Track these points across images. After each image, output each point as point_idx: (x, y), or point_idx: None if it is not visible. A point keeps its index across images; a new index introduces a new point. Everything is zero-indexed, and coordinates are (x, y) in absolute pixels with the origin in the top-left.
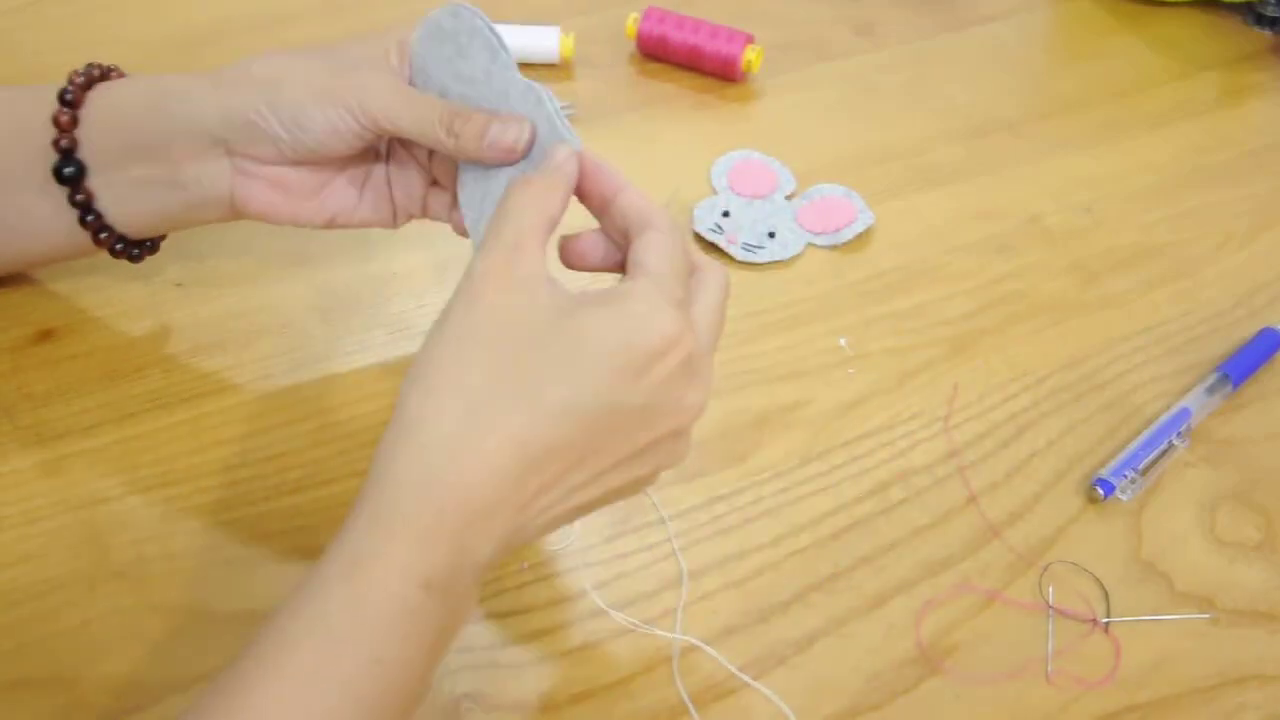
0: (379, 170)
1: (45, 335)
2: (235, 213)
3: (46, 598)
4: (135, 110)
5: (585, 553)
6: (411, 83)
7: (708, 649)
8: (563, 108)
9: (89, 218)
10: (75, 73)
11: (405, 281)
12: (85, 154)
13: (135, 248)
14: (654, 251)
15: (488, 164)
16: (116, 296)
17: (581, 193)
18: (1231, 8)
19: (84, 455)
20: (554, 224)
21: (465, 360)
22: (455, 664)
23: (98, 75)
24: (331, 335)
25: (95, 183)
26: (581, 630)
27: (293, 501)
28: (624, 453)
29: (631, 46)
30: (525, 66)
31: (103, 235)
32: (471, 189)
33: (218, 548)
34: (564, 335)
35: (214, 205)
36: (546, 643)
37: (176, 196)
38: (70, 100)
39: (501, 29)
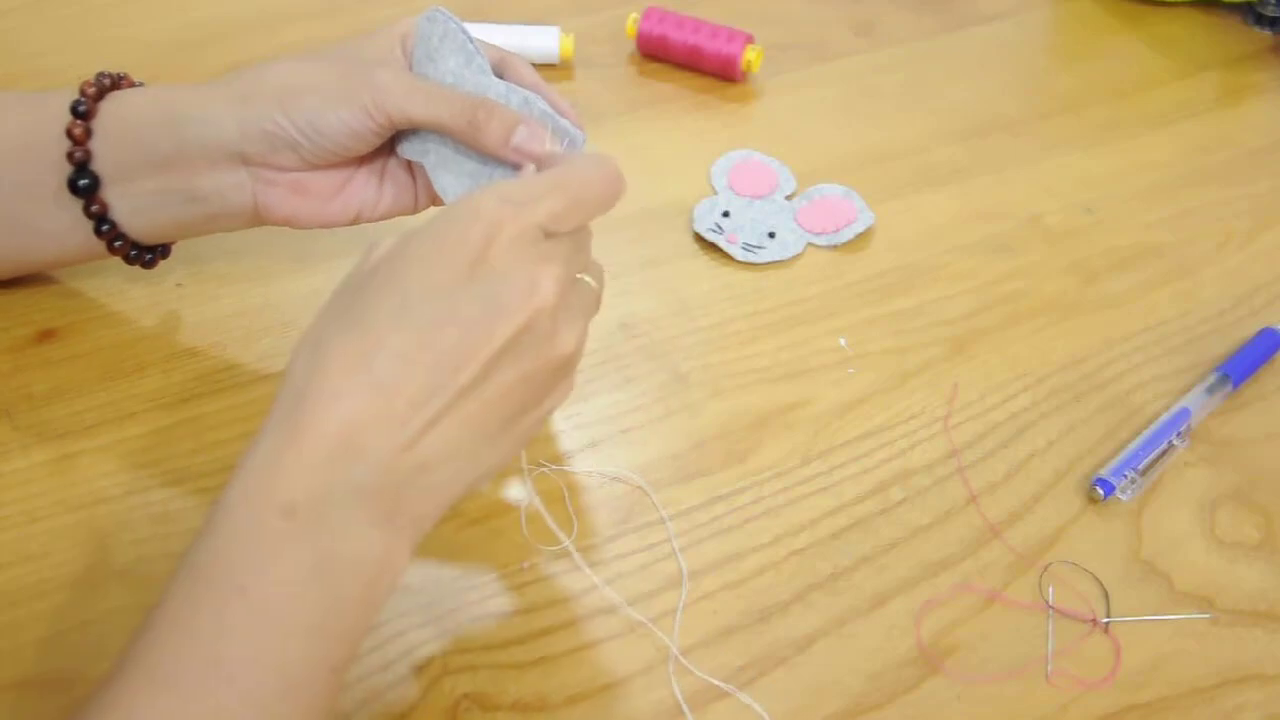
0: (397, 158)
1: (45, 335)
2: (258, 220)
3: (47, 598)
4: (150, 124)
5: (585, 553)
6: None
7: (684, 660)
8: None
9: (104, 228)
10: (87, 82)
11: None
12: (100, 166)
13: (149, 253)
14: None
15: (498, 161)
16: (116, 296)
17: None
18: (1231, 8)
19: (84, 455)
20: (556, 217)
21: (323, 312)
22: (455, 664)
23: (109, 84)
24: None
25: (110, 194)
26: (581, 630)
27: None
28: (486, 349)
29: (631, 46)
30: None
31: (117, 244)
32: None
33: None
34: (394, 251)
35: (235, 216)
36: (546, 643)
37: (195, 208)
38: (83, 112)
39: (501, 29)
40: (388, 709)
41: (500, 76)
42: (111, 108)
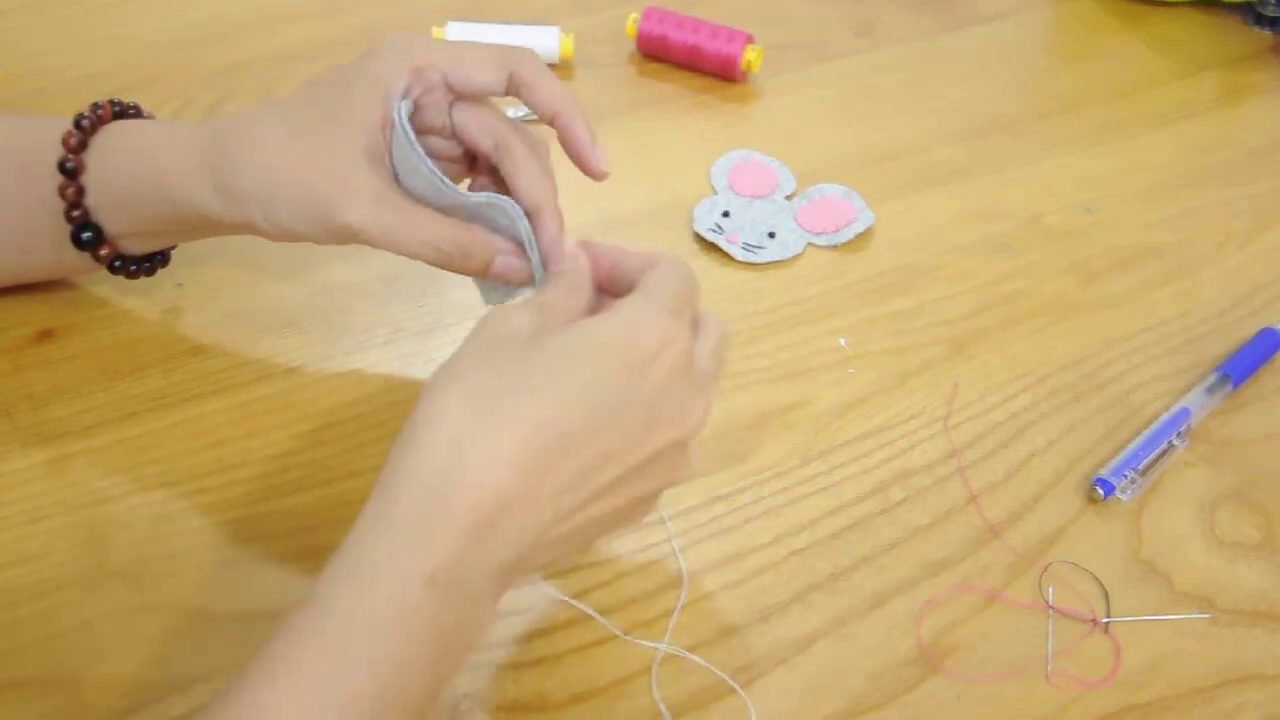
0: None
1: (45, 335)
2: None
3: (46, 598)
4: (140, 194)
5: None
6: (394, 170)
7: (691, 656)
8: None
9: (116, 264)
10: (69, 133)
11: (405, 282)
12: (99, 216)
13: (148, 261)
14: (654, 277)
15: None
16: (116, 296)
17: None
18: (1231, 8)
19: (84, 455)
20: (579, 314)
21: (475, 366)
22: None
23: (90, 127)
24: (331, 335)
25: (112, 234)
26: (581, 630)
27: (293, 501)
28: (636, 456)
29: (631, 46)
30: None
31: (133, 269)
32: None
33: (218, 548)
34: (569, 337)
35: (236, 233)
36: (546, 643)
37: (197, 234)
38: (71, 170)
39: (501, 29)
40: None
41: (516, 96)
42: (99, 162)
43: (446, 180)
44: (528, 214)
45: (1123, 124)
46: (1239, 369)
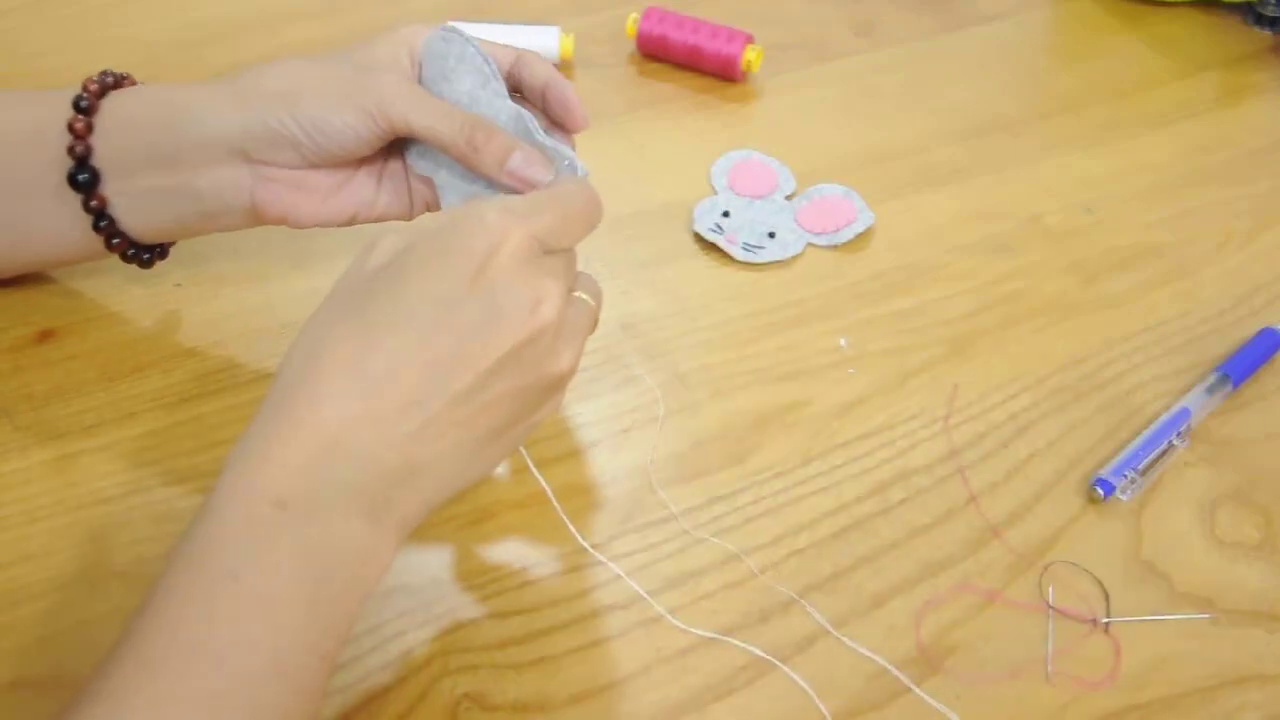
0: (395, 161)
1: (45, 335)
2: (254, 219)
3: (46, 598)
4: (151, 121)
5: (585, 553)
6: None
7: (731, 640)
8: None
9: (101, 223)
10: (90, 79)
11: None
12: (100, 161)
13: (146, 253)
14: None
15: (491, 183)
16: (116, 296)
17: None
18: (1231, 8)
19: (84, 455)
20: (556, 234)
21: (319, 313)
22: (455, 664)
23: (112, 83)
24: None
25: (109, 190)
26: (581, 630)
27: None
28: (484, 359)
29: (631, 46)
30: None
31: (115, 241)
32: (453, 196)
33: None
34: (393, 261)
35: (232, 213)
36: (546, 643)
37: (193, 205)
38: (85, 107)
39: (501, 29)
40: (388, 709)
41: (516, 76)
42: (113, 105)
43: (497, 75)
44: (545, 88)
45: (1123, 124)
46: (1239, 369)
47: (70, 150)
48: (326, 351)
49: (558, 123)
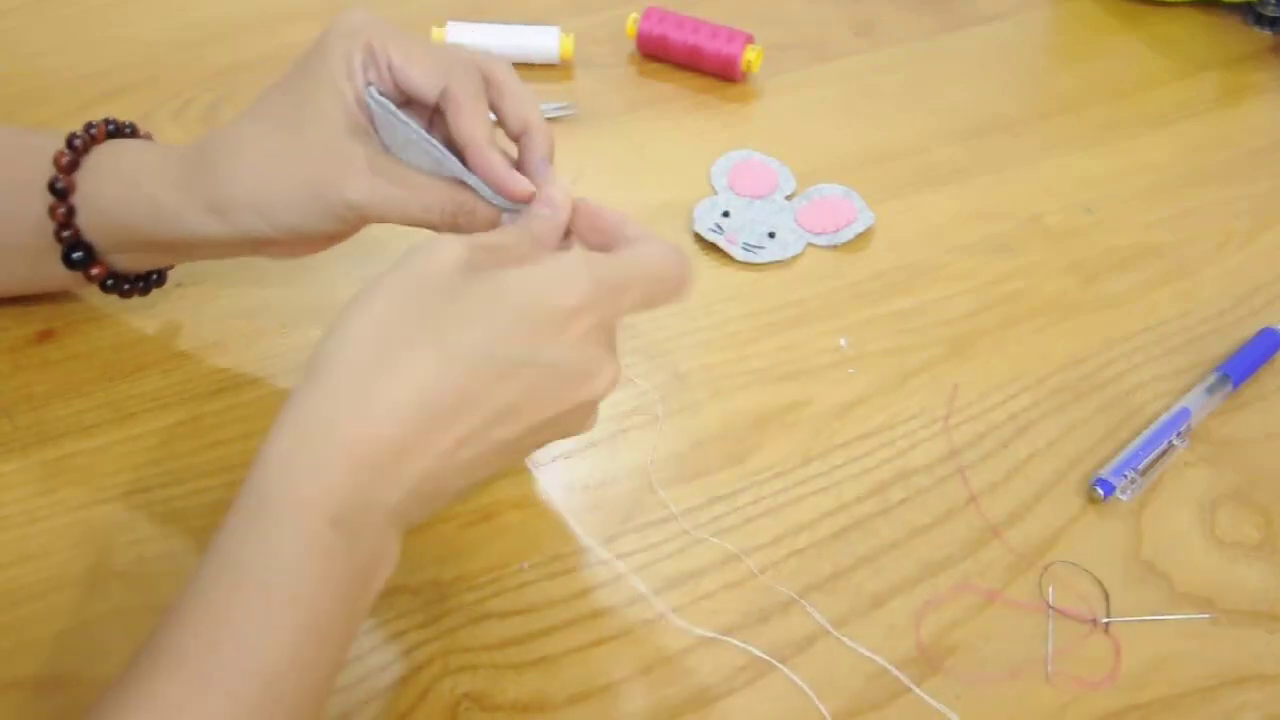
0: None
1: (45, 335)
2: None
3: (46, 598)
4: (132, 215)
5: (585, 553)
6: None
7: (731, 639)
8: (562, 108)
9: (108, 282)
10: (61, 153)
11: None
12: (90, 237)
13: (142, 281)
14: (627, 250)
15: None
16: (116, 297)
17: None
18: (1231, 8)
19: (84, 455)
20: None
21: (380, 309)
22: (455, 664)
23: (82, 147)
24: None
25: (103, 253)
26: (581, 630)
27: None
28: (539, 415)
29: (631, 46)
30: (525, 67)
31: (126, 288)
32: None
33: None
34: (480, 287)
35: (229, 255)
36: (546, 643)
37: (191, 255)
38: (61, 190)
39: (501, 29)
40: (388, 709)
41: (493, 106)
42: (90, 187)
43: (439, 145)
44: (517, 136)
45: (1123, 124)
46: (1239, 369)
47: (59, 237)
48: (403, 369)
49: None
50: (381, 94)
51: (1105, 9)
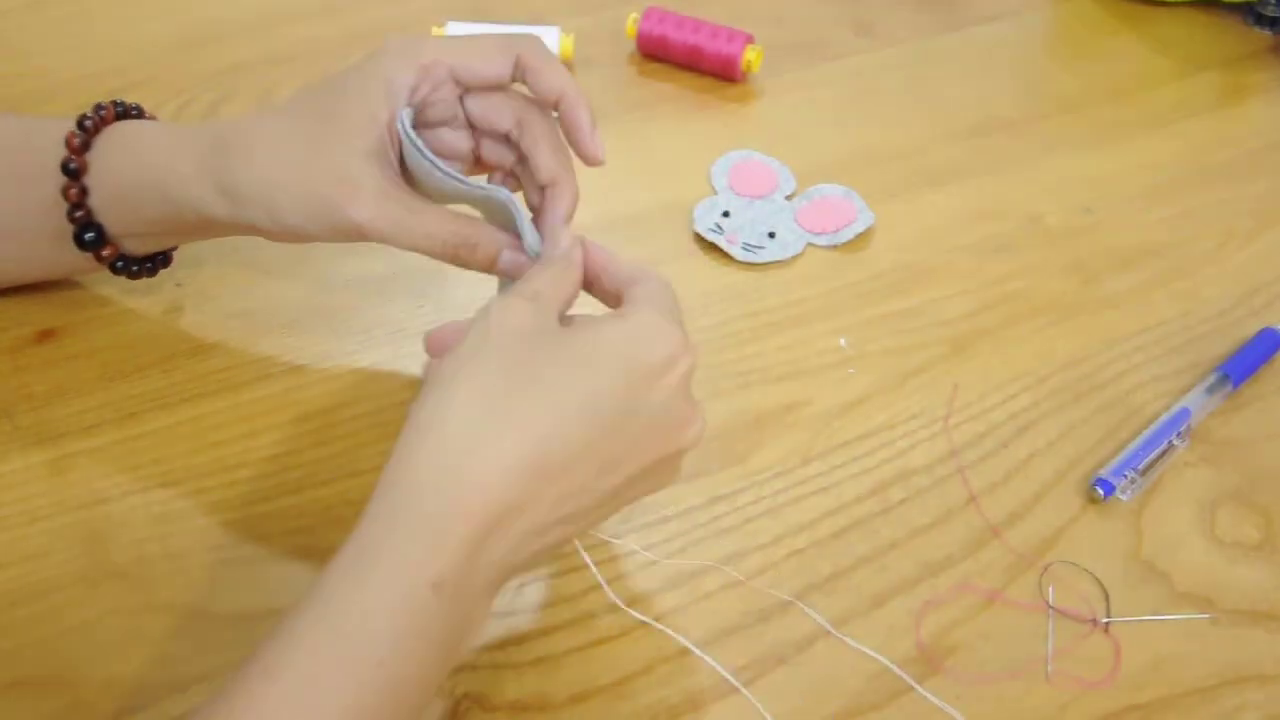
0: None
1: (45, 335)
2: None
3: (46, 598)
4: (142, 195)
5: (585, 552)
6: (406, 165)
7: (698, 652)
8: None
9: (118, 264)
10: (72, 133)
11: (405, 281)
12: (102, 217)
13: (150, 262)
14: (652, 292)
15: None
16: (116, 296)
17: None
18: (1231, 8)
19: (84, 455)
20: (568, 304)
21: (482, 366)
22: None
23: (93, 128)
24: (331, 335)
25: (115, 234)
26: (581, 630)
27: (293, 501)
28: (635, 466)
29: (631, 46)
30: None
31: (134, 270)
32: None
33: (218, 548)
34: (579, 342)
35: (236, 235)
36: (546, 643)
37: (195, 236)
38: (73, 170)
39: (501, 29)
40: None
41: (523, 84)
42: (101, 164)
43: (457, 173)
44: (544, 186)
45: (1123, 124)
46: (1239, 369)
47: (71, 218)
48: (514, 424)
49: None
50: (412, 124)
51: (1105, 9)
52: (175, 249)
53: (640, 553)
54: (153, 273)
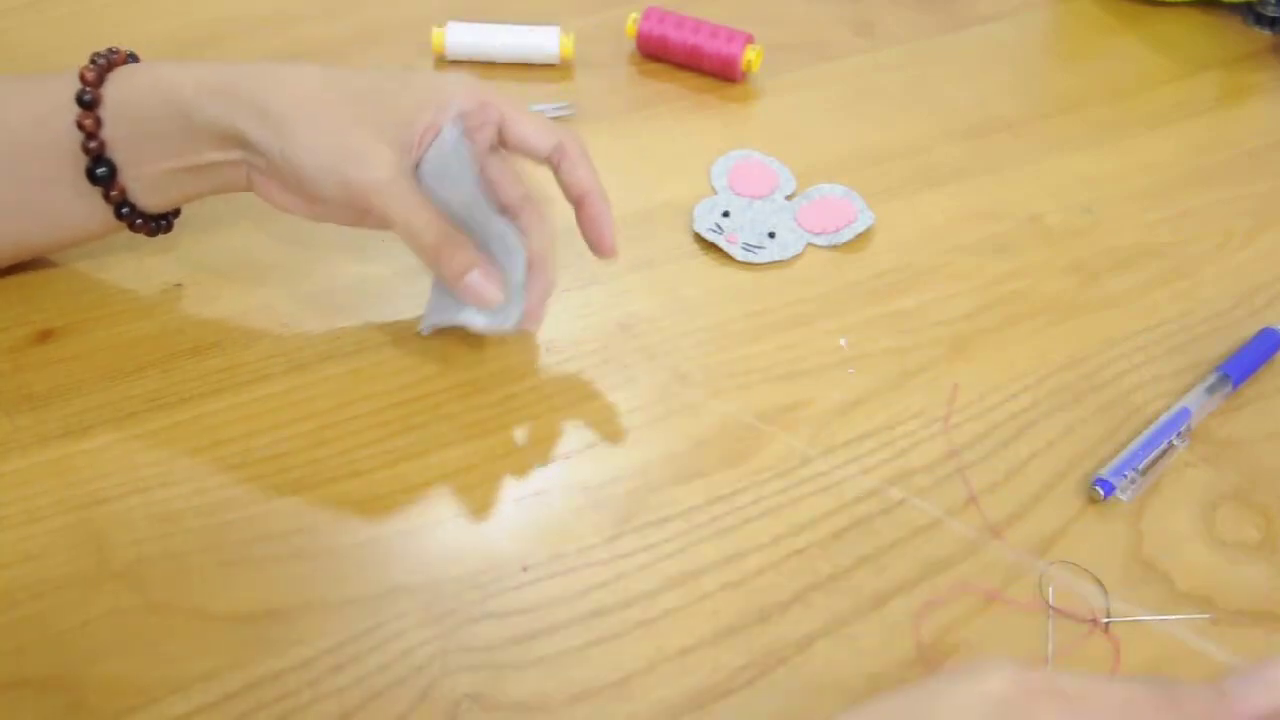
0: None
1: (45, 335)
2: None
3: (46, 598)
4: (158, 113)
5: (585, 553)
6: (419, 170)
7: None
8: (562, 107)
9: (124, 209)
10: (86, 69)
11: (405, 281)
12: (114, 153)
13: (161, 220)
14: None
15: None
16: (116, 296)
17: None
18: (1231, 8)
19: (84, 455)
20: None
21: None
22: (455, 664)
23: (106, 65)
24: (331, 335)
25: (125, 177)
26: (581, 630)
27: (293, 501)
28: None
29: (631, 46)
30: (525, 67)
31: (138, 222)
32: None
33: (218, 548)
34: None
35: (239, 188)
36: (546, 643)
37: (204, 182)
38: (89, 101)
39: (501, 29)
40: (388, 709)
41: (554, 167)
42: (117, 94)
43: (483, 198)
44: (578, 201)
45: (1123, 124)
46: (1239, 369)
47: (85, 148)
48: None
49: (585, 237)
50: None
51: (1105, 9)
52: (178, 214)
53: (640, 552)
54: (153, 233)
